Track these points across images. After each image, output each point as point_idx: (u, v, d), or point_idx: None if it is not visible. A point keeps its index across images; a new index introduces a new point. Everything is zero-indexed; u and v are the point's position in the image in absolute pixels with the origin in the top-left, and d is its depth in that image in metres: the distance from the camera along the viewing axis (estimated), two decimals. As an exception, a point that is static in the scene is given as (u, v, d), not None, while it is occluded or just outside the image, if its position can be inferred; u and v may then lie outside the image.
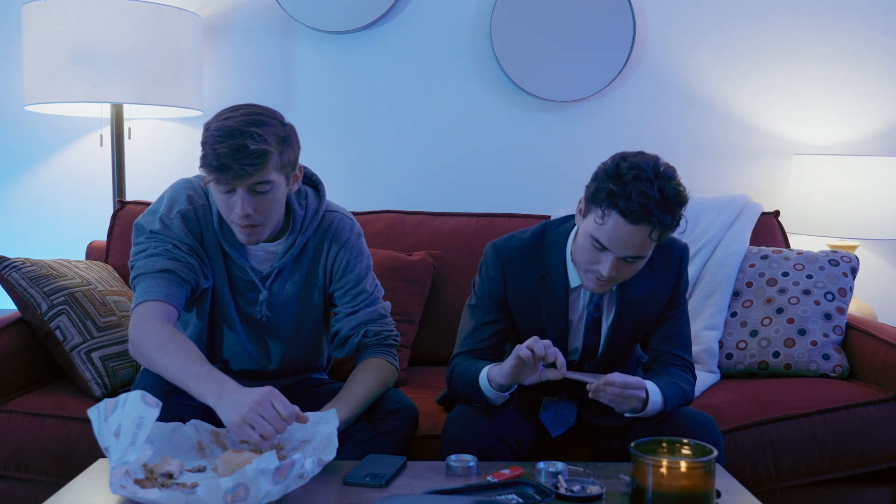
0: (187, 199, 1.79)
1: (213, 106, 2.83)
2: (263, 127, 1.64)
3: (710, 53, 2.89)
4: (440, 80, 2.89)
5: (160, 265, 1.72)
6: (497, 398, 1.73)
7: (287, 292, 1.86)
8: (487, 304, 1.83)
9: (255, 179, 1.64)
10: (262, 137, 1.63)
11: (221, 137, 1.62)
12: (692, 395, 1.82)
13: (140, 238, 1.78)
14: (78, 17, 2.40)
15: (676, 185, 1.60)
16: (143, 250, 1.76)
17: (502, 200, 2.88)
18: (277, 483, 1.32)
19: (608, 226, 1.60)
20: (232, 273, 1.82)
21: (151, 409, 1.40)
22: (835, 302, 2.33)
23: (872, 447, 1.99)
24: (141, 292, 1.72)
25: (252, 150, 1.61)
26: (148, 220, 1.79)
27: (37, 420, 1.97)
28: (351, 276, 1.87)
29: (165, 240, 1.75)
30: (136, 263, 1.76)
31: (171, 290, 1.71)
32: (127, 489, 1.35)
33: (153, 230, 1.76)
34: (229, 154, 1.60)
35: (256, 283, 1.82)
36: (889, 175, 2.63)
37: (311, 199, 1.86)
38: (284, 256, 1.82)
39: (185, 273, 1.74)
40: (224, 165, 1.61)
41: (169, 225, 1.76)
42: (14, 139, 2.90)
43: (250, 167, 1.62)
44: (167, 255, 1.74)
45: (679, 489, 1.36)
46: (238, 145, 1.60)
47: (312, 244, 1.86)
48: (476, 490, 1.45)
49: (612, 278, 1.67)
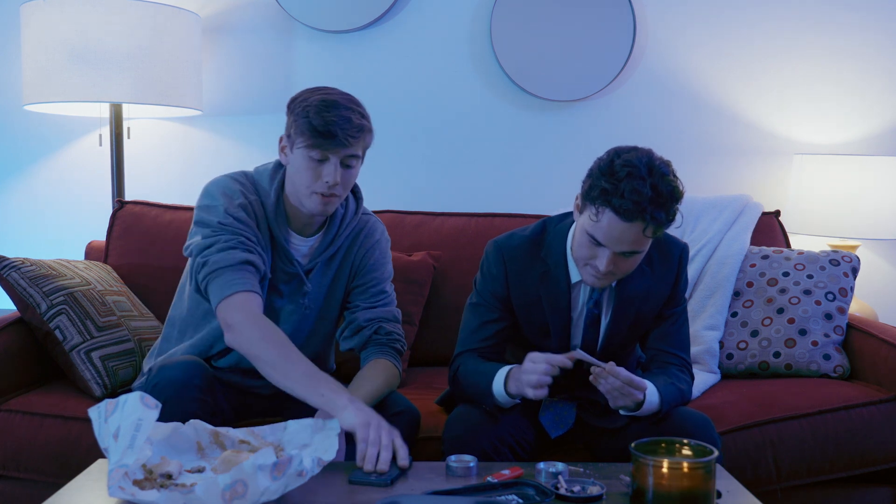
0: (241, 194, 1.81)
1: (213, 105, 2.84)
2: (361, 107, 1.78)
3: (711, 53, 2.89)
4: (440, 80, 2.89)
5: (239, 257, 1.73)
6: (507, 402, 1.73)
7: (318, 289, 1.89)
8: (490, 303, 1.83)
9: (350, 151, 1.73)
10: (362, 114, 1.76)
11: (328, 107, 1.71)
12: (689, 395, 1.82)
13: (206, 231, 1.77)
14: (77, 17, 2.40)
15: (670, 181, 1.60)
16: (212, 244, 1.75)
17: (502, 200, 2.87)
18: (276, 479, 1.31)
19: (603, 223, 1.60)
20: (274, 268, 1.84)
21: (150, 412, 1.40)
22: (836, 302, 2.33)
23: (873, 447, 1.99)
24: (227, 284, 1.71)
25: (356, 123, 1.72)
26: (211, 214, 1.77)
27: (36, 420, 1.97)
28: (375, 274, 1.92)
29: (237, 231, 1.76)
30: (209, 259, 1.74)
31: (255, 281, 1.74)
32: (126, 490, 1.34)
33: (222, 222, 1.76)
34: (337, 122, 1.70)
35: (301, 275, 1.85)
36: (890, 175, 2.62)
37: (351, 201, 1.93)
38: (324, 253, 1.87)
39: (260, 264, 1.76)
40: (331, 132, 1.69)
41: (237, 217, 1.77)
42: (13, 138, 2.90)
43: (353, 138, 1.72)
44: (243, 248, 1.75)
45: (680, 489, 1.35)
46: (344, 116, 1.71)
47: (345, 245, 1.91)
48: (476, 491, 1.44)
49: (611, 273, 1.68)
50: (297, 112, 1.73)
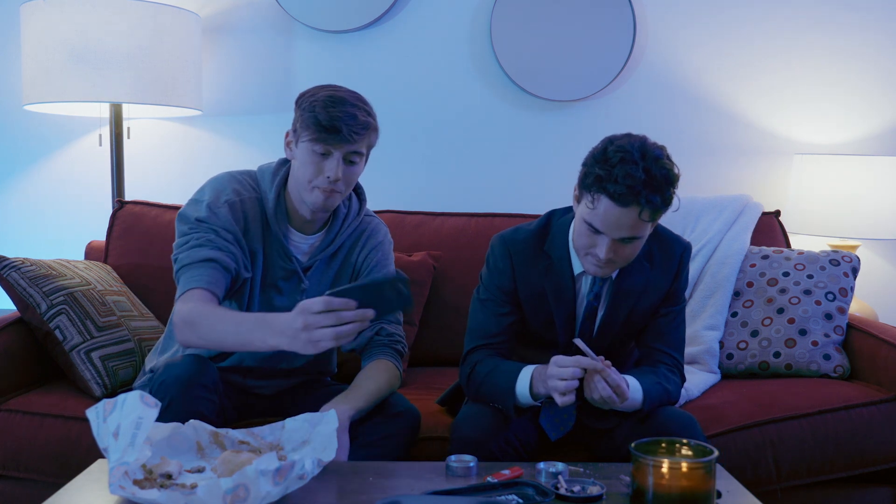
0: (234, 192, 1.81)
1: (213, 105, 2.84)
2: (367, 105, 1.79)
3: (711, 53, 2.89)
4: (440, 80, 2.89)
5: (202, 255, 1.73)
6: (528, 403, 1.72)
7: (317, 286, 1.88)
8: (498, 297, 1.83)
9: (354, 148, 1.75)
10: (368, 112, 1.78)
11: (335, 102, 1.72)
12: (677, 396, 1.81)
13: (184, 228, 1.79)
14: (77, 17, 2.39)
15: (664, 164, 1.61)
16: (186, 242, 1.77)
17: (502, 200, 2.87)
18: (277, 484, 1.31)
19: (599, 210, 1.61)
20: (271, 264, 1.84)
21: (150, 410, 1.40)
22: (836, 302, 2.33)
23: (873, 447, 1.99)
24: (183, 283, 1.73)
25: (361, 120, 1.74)
26: (194, 209, 1.80)
27: (36, 420, 1.96)
28: (378, 275, 1.91)
29: (209, 228, 1.76)
30: (178, 256, 1.76)
31: (213, 277, 1.73)
32: (126, 489, 1.34)
33: (199, 217, 1.77)
34: (342, 118, 1.71)
35: (299, 272, 1.85)
36: (890, 175, 2.62)
37: (354, 201, 1.93)
38: (324, 251, 1.87)
39: (227, 262, 1.75)
40: (335, 127, 1.71)
41: (217, 213, 1.78)
42: (13, 138, 2.90)
43: (357, 135, 1.73)
44: (210, 245, 1.75)
45: (679, 489, 1.35)
46: (350, 113, 1.72)
47: (347, 245, 1.91)
48: (476, 491, 1.44)
49: (612, 260, 1.68)
50: (304, 107, 1.75)
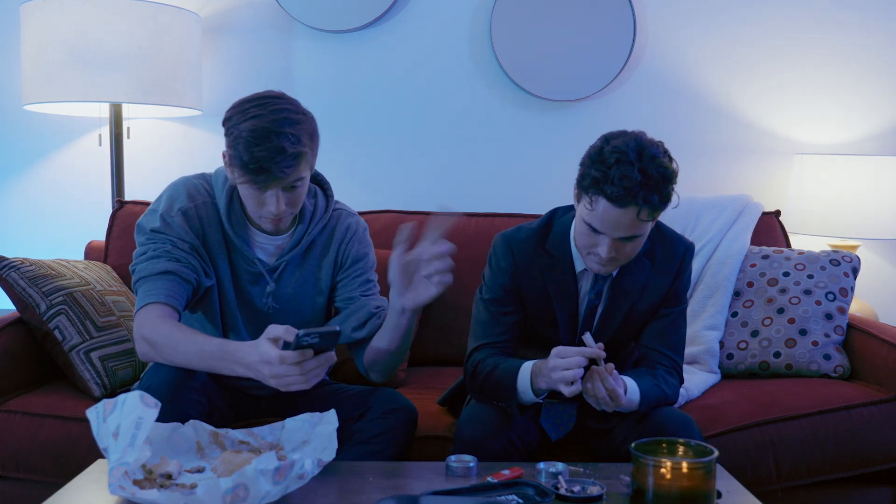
0: (188, 197, 1.78)
1: (213, 105, 2.84)
2: (296, 126, 1.64)
3: (711, 53, 2.89)
4: (440, 80, 2.89)
5: (160, 267, 1.71)
6: (530, 400, 1.71)
7: (292, 288, 1.85)
8: (500, 296, 1.83)
9: (289, 182, 1.65)
10: (297, 138, 1.63)
11: (257, 139, 1.60)
12: (674, 398, 1.81)
13: (141, 238, 1.78)
14: (77, 16, 2.39)
15: (661, 163, 1.60)
16: (144, 253, 1.75)
17: (502, 200, 2.87)
18: (277, 484, 1.31)
19: (598, 211, 1.61)
20: (237, 267, 1.81)
21: (150, 410, 1.40)
22: (836, 302, 2.33)
23: (873, 447, 1.99)
24: (142, 296, 1.71)
25: (290, 153, 1.61)
26: (148, 220, 1.78)
27: (35, 420, 1.96)
28: (360, 264, 1.89)
29: (165, 239, 1.74)
30: (136, 267, 1.75)
31: (172, 291, 1.70)
32: (126, 490, 1.34)
33: (153, 228, 1.75)
34: (267, 157, 1.60)
35: (264, 274, 1.82)
36: (890, 175, 2.62)
37: (320, 196, 1.88)
38: (293, 251, 1.83)
39: (186, 273, 1.73)
40: (262, 168, 1.60)
41: (170, 223, 1.75)
42: (13, 138, 2.90)
43: (288, 168, 1.62)
44: (167, 257, 1.72)
45: (680, 490, 1.35)
46: (275, 148, 1.60)
47: (320, 241, 1.87)
48: (476, 491, 1.44)
49: (614, 259, 1.68)
50: (230, 138, 1.65)
